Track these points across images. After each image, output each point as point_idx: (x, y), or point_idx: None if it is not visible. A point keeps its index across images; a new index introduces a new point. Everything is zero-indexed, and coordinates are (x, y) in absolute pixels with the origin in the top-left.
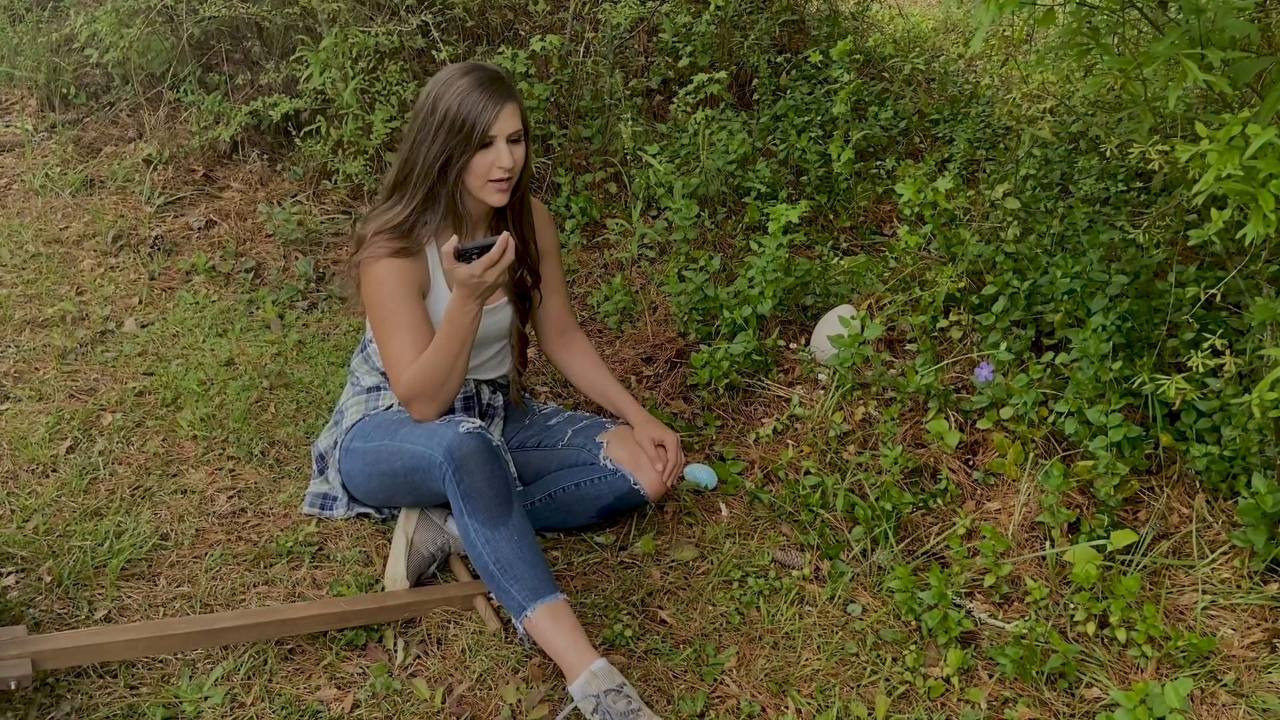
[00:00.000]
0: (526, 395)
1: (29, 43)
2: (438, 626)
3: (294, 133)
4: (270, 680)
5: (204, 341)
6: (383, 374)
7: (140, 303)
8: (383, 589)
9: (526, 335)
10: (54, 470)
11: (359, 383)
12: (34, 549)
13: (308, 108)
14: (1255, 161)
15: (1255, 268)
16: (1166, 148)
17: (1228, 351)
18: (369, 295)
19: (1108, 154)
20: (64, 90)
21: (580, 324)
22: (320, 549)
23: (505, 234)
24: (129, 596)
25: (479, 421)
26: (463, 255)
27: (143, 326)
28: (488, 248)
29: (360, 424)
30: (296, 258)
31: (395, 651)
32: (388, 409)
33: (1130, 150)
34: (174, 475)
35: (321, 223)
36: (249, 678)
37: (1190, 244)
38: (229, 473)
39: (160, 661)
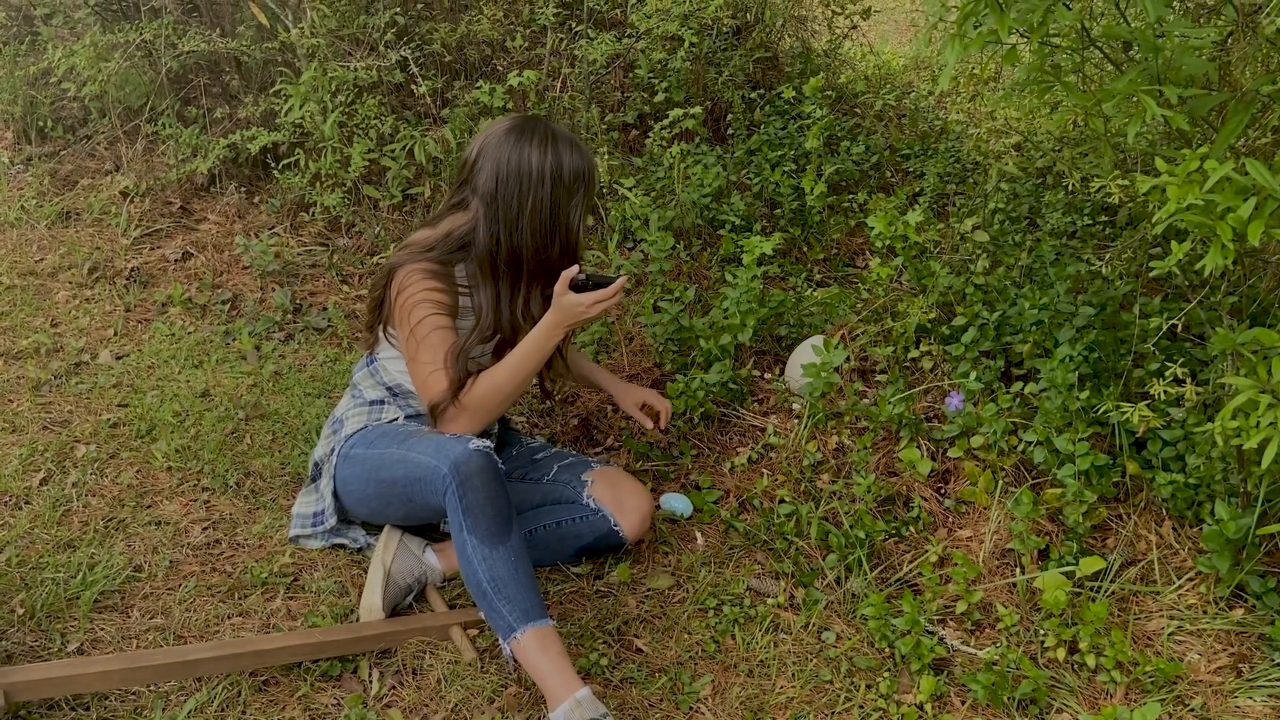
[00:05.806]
0: (512, 427)
1: (6, 75)
2: (413, 657)
3: (272, 165)
4: (244, 712)
5: (179, 373)
6: (388, 389)
7: (115, 334)
8: (358, 619)
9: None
10: (27, 502)
11: (361, 395)
12: (6, 581)
13: (286, 140)
14: (1213, 195)
15: (1216, 299)
16: (1127, 182)
17: (1189, 381)
18: (405, 299)
19: (1071, 188)
20: (41, 123)
21: None
22: (295, 580)
23: (623, 277)
24: (102, 629)
25: (488, 441)
26: (576, 285)
27: (118, 358)
28: (604, 283)
29: (363, 432)
30: (273, 289)
31: (370, 682)
32: (391, 421)
33: (1092, 184)
34: (148, 507)
35: (299, 254)
36: (223, 709)
37: (1153, 274)
38: (204, 504)
39: (133, 694)
